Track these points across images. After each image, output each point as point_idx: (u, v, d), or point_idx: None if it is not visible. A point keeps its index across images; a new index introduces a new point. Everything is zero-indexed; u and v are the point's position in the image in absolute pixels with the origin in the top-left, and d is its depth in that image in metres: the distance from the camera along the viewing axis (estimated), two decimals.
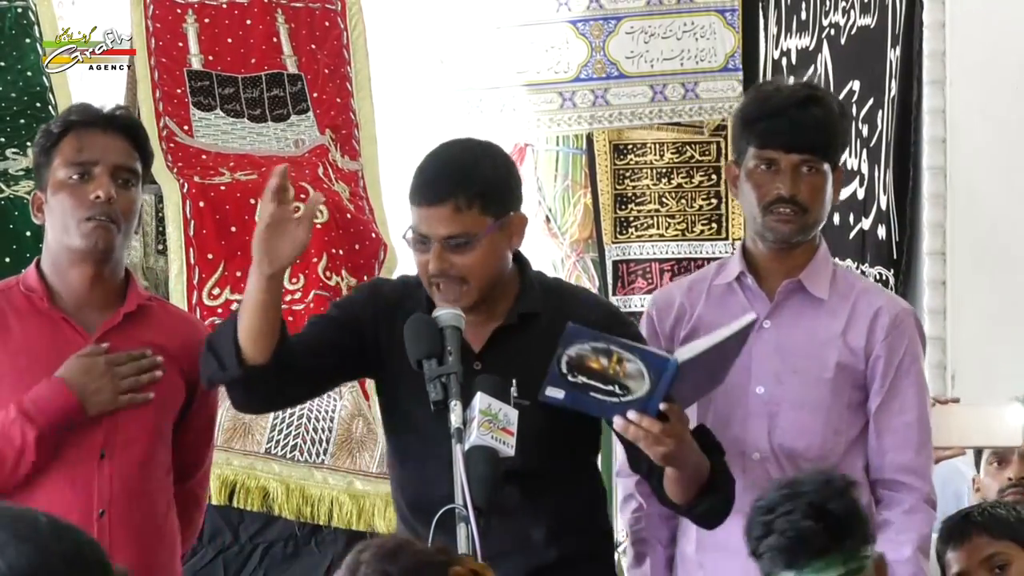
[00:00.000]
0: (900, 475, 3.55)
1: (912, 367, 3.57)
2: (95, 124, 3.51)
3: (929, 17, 5.09)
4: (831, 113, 3.53)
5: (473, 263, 3.23)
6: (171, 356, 3.54)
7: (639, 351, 3.09)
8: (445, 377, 3.07)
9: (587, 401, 3.11)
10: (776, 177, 3.48)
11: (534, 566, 3.33)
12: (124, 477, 3.47)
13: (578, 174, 6.77)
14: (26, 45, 5.30)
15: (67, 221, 3.44)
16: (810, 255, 3.58)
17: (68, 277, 3.49)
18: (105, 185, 3.43)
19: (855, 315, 3.56)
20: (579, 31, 6.35)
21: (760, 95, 3.64)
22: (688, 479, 3.24)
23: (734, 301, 3.59)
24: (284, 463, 5.24)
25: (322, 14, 5.83)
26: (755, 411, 3.55)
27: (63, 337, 3.48)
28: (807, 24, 5.84)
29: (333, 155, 5.64)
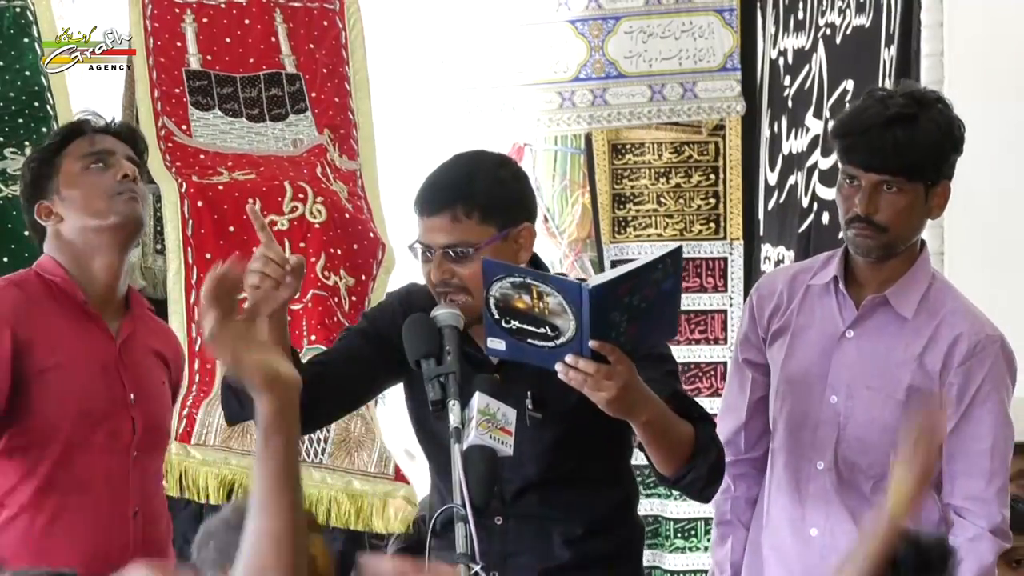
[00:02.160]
0: (967, 503, 3.53)
1: (991, 395, 3.53)
2: (100, 130, 3.62)
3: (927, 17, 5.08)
4: (919, 133, 3.46)
5: (474, 273, 3.21)
6: (166, 360, 3.58)
7: (552, 280, 3.06)
8: (443, 377, 3.07)
9: (526, 350, 3.08)
10: (856, 193, 3.46)
11: (548, 567, 3.34)
12: (149, 477, 3.54)
13: (576, 174, 6.77)
14: (24, 45, 5.30)
15: (96, 203, 3.50)
16: (907, 266, 3.55)
17: (92, 270, 3.53)
18: (130, 167, 3.53)
19: (936, 338, 3.53)
20: (578, 31, 6.35)
21: (855, 107, 3.59)
22: (660, 444, 3.20)
23: (827, 304, 3.59)
24: None
25: (320, 14, 5.83)
26: (826, 420, 3.55)
27: (94, 335, 3.53)
28: (804, 23, 5.84)
29: (331, 155, 5.64)
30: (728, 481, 3.67)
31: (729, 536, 3.70)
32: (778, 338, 3.61)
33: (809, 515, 3.55)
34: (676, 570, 6.58)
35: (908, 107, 3.50)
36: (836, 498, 3.54)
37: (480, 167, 3.29)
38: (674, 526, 6.56)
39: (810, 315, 3.58)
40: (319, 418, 3.44)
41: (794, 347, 3.59)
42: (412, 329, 3.18)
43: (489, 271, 3.05)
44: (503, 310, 3.05)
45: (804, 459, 3.53)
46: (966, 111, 5.12)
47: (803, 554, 3.55)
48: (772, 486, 3.60)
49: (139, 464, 3.53)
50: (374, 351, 3.36)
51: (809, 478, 3.53)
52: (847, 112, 3.63)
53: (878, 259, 3.53)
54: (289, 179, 5.39)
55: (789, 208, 5.69)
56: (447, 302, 3.23)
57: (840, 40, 5.54)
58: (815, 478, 3.54)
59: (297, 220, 5.31)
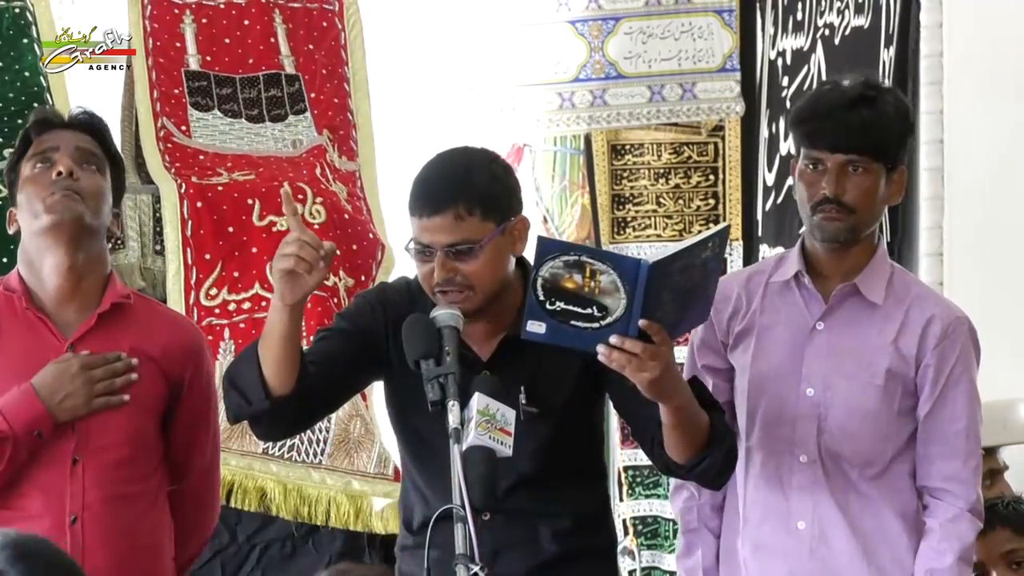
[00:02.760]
0: (946, 483, 3.55)
1: (963, 376, 3.57)
2: (53, 124, 3.52)
3: (927, 18, 5.08)
4: (882, 113, 3.51)
5: (477, 269, 3.24)
6: (150, 357, 3.52)
7: (610, 256, 3.06)
8: (443, 377, 3.07)
9: (568, 333, 3.08)
10: (822, 177, 3.48)
11: (538, 562, 3.35)
12: (98, 482, 3.45)
13: (576, 174, 6.77)
14: (24, 45, 5.30)
15: (35, 204, 3.44)
16: (868, 256, 3.58)
17: (43, 273, 3.48)
18: (66, 162, 3.43)
19: (908, 322, 3.56)
20: (578, 31, 6.35)
21: (814, 94, 3.64)
22: (685, 430, 3.24)
23: (790, 300, 3.60)
24: (282, 463, 5.24)
25: (319, 14, 5.83)
26: (804, 413, 3.55)
27: (40, 339, 3.47)
28: (802, 24, 5.84)
29: (331, 155, 5.64)
30: (692, 489, 3.69)
31: (698, 544, 3.70)
32: (742, 340, 3.61)
33: (795, 509, 3.55)
34: (675, 570, 6.58)
35: (868, 90, 3.55)
36: (822, 489, 3.55)
37: (474, 164, 3.30)
38: (673, 526, 6.56)
39: (774, 313, 3.58)
40: (305, 420, 3.45)
41: (762, 346, 3.60)
42: (411, 329, 3.18)
43: (544, 250, 3.05)
44: (549, 291, 3.05)
45: (785, 454, 3.54)
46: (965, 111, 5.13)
47: (790, 548, 3.55)
48: (750, 485, 3.60)
49: (84, 469, 3.46)
50: (358, 351, 3.36)
51: (792, 472, 3.54)
52: (804, 100, 3.65)
53: (842, 245, 3.54)
54: (288, 180, 5.39)
55: (787, 209, 5.69)
56: (447, 301, 3.23)
57: (839, 41, 5.55)
58: (799, 471, 3.55)
59: None
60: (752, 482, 3.59)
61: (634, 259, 3.05)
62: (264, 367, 3.22)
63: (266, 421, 3.32)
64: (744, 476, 3.59)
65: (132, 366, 3.48)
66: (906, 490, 3.57)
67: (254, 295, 5.32)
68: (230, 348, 5.26)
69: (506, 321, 3.32)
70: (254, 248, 5.33)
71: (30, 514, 3.41)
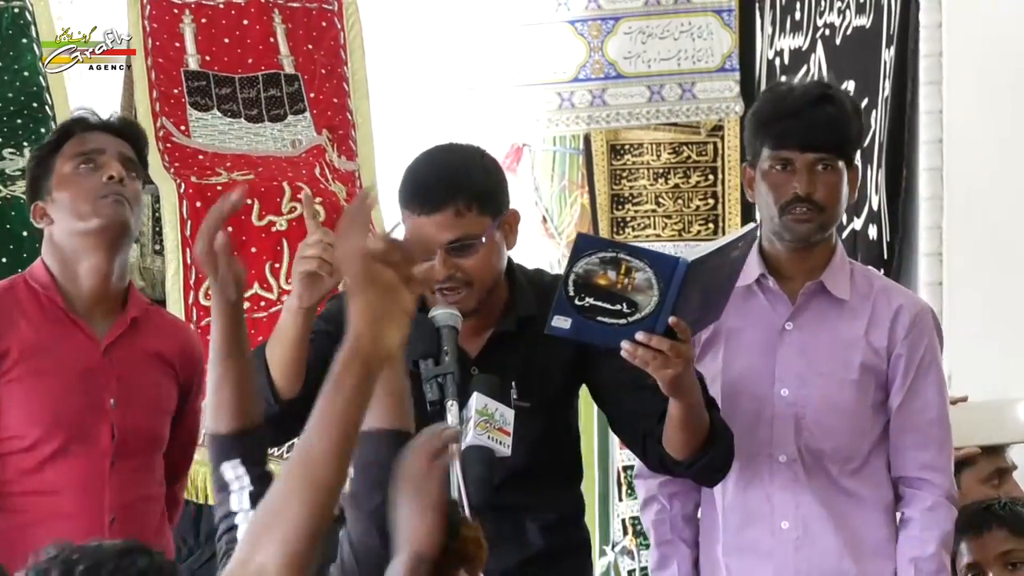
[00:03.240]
0: (922, 472, 3.57)
1: (932, 365, 3.60)
2: (95, 127, 3.54)
3: (926, 18, 5.08)
4: (844, 111, 3.54)
5: (477, 265, 3.25)
6: (168, 363, 3.55)
7: (648, 254, 3.09)
8: (441, 377, 3.07)
9: (593, 329, 3.10)
10: (792, 177, 3.49)
11: (526, 557, 3.35)
12: (131, 484, 3.50)
13: (575, 174, 6.77)
14: (23, 45, 5.29)
15: (81, 206, 3.46)
16: (828, 255, 3.59)
17: (79, 272, 3.49)
18: (117, 167, 3.47)
19: (876, 314, 3.58)
20: (577, 31, 6.35)
21: (774, 95, 3.65)
22: (692, 427, 3.26)
23: (755, 303, 3.59)
24: (279, 463, 5.24)
25: (319, 14, 5.82)
26: (781, 413, 3.56)
27: (75, 340, 3.49)
28: (801, 24, 5.84)
29: (330, 155, 5.64)
30: (663, 501, 3.69)
31: (673, 556, 3.69)
32: (709, 348, 3.61)
33: (778, 509, 3.56)
34: None
35: (826, 89, 3.61)
36: (804, 488, 3.55)
37: (469, 159, 3.31)
38: None
39: (740, 318, 3.58)
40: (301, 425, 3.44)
41: (731, 351, 3.60)
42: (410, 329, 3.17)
43: (582, 246, 3.07)
44: (581, 286, 3.07)
45: (764, 456, 3.55)
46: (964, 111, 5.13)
47: (775, 549, 3.56)
48: (729, 491, 3.59)
49: (119, 471, 3.49)
50: None
51: (773, 473, 3.55)
52: (764, 102, 3.64)
53: (807, 246, 3.55)
54: (288, 180, 5.39)
55: None
56: (446, 300, 3.23)
57: (840, 41, 5.55)
58: (779, 472, 3.56)
59: (296, 221, 5.31)
60: (731, 487, 3.59)
61: (673, 257, 3.08)
62: (273, 371, 3.21)
63: (272, 427, 3.31)
64: (722, 482, 3.59)
65: None
66: (884, 484, 3.59)
67: (253, 295, 5.31)
68: None
69: (494, 317, 3.33)
70: (253, 248, 5.33)
71: (68, 513, 3.43)
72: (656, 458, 3.36)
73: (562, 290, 3.08)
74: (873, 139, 5.42)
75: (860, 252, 5.45)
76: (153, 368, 3.58)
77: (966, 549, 3.66)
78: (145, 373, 3.55)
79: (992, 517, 3.66)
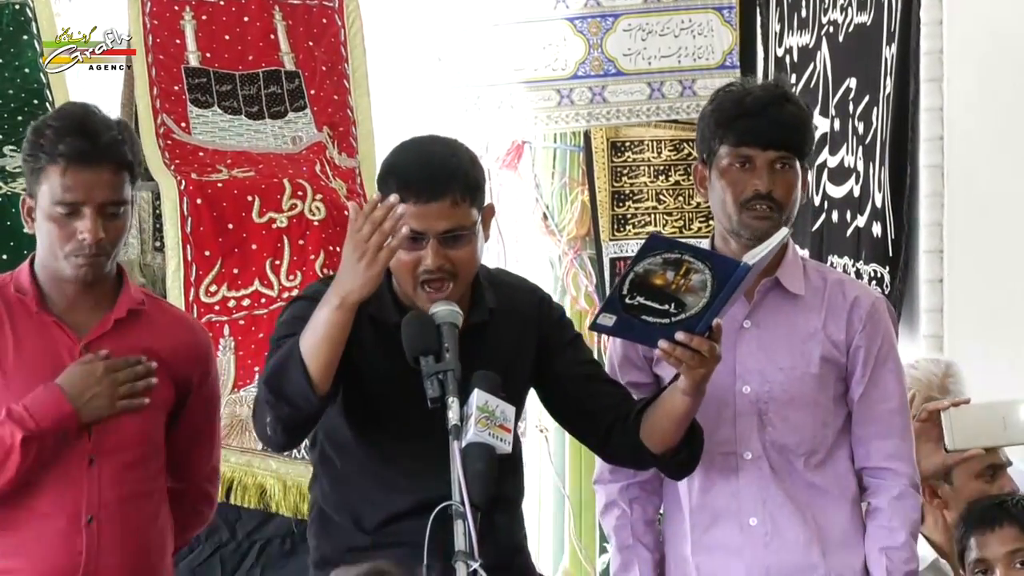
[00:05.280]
0: (886, 462, 3.60)
1: (890, 355, 3.63)
2: (83, 160, 3.42)
3: (926, 15, 5.08)
4: (802, 112, 3.59)
5: (466, 256, 3.26)
6: (160, 359, 3.53)
7: (713, 256, 3.13)
8: (442, 374, 3.07)
9: (635, 327, 3.14)
10: (752, 174, 3.51)
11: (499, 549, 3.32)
12: (114, 483, 3.47)
13: (575, 171, 6.77)
14: (23, 42, 5.30)
15: (55, 252, 3.44)
16: (782, 252, 3.60)
17: (60, 285, 3.49)
18: (93, 229, 3.40)
19: (832, 308, 3.61)
20: (577, 28, 6.35)
21: (734, 95, 3.63)
22: (684, 425, 3.31)
23: None
24: (281, 460, 5.24)
25: (319, 11, 5.83)
26: (744, 411, 3.57)
27: (53, 339, 3.48)
28: (807, 21, 5.84)
29: (330, 152, 5.64)
30: (623, 506, 3.69)
31: (634, 560, 3.69)
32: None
33: (745, 506, 3.57)
34: None
35: (785, 89, 3.66)
36: (770, 483, 3.56)
37: (459, 152, 3.32)
38: None
39: None
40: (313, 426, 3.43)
41: None
42: (410, 326, 3.18)
43: (651, 245, 3.09)
44: (636, 285, 3.10)
45: (729, 454, 3.56)
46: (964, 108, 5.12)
47: (744, 546, 3.57)
48: (695, 491, 3.60)
49: (100, 469, 3.47)
50: None
51: (739, 470, 3.56)
52: (724, 100, 3.63)
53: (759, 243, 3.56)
54: (288, 176, 5.39)
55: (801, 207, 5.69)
56: (428, 287, 3.22)
57: (843, 38, 5.55)
58: (745, 469, 3.57)
59: (296, 218, 5.31)
60: (698, 487, 3.60)
61: (733, 260, 3.13)
62: (315, 371, 3.16)
63: (308, 426, 3.30)
64: (688, 483, 3.60)
65: (151, 370, 3.48)
66: (848, 475, 3.60)
67: (254, 292, 5.32)
68: (230, 345, 5.26)
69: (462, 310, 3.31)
70: (254, 245, 5.33)
71: (44, 512, 3.42)
72: (625, 450, 3.37)
73: (617, 288, 3.12)
74: (876, 136, 5.41)
75: (864, 250, 5.45)
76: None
77: (975, 544, 3.66)
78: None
79: (1003, 514, 3.65)
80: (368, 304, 3.25)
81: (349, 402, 3.35)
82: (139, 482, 3.52)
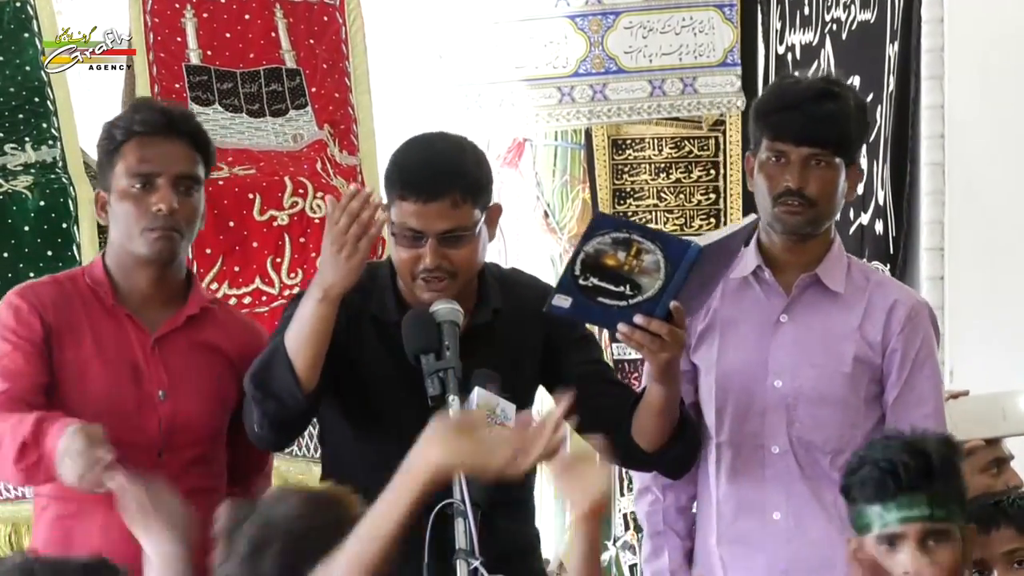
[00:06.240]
0: None
1: (928, 360, 3.60)
2: (157, 132, 3.49)
3: (927, 12, 5.08)
4: (846, 108, 3.53)
5: (466, 256, 3.25)
6: (228, 358, 3.56)
7: (661, 236, 3.09)
8: (443, 372, 3.07)
9: (592, 310, 3.10)
10: (785, 169, 3.49)
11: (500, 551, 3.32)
12: (182, 476, 3.49)
13: (577, 169, 6.78)
14: (24, 40, 5.29)
15: (131, 230, 3.47)
16: (825, 249, 3.59)
17: (133, 277, 3.53)
18: (167, 198, 3.45)
19: (871, 308, 3.58)
20: (578, 26, 6.35)
21: (778, 88, 3.66)
22: (668, 417, 3.27)
23: (751, 295, 3.60)
24: (282, 458, 5.23)
25: (320, 9, 5.82)
26: (773, 405, 3.56)
27: (126, 333, 3.50)
28: (810, 19, 5.84)
29: (331, 150, 5.64)
30: (656, 492, 3.70)
31: (664, 546, 3.70)
32: (705, 339, 3.61)
33: (770, 500, 3.56)
34: None
35: (832, 85, 3.58)
36: (796, 479, 3.56)
37: (463, 151, 3.31)
38: None
39: (735, 309, 3.59)
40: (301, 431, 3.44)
41: (727, 342, 3.60)
42: (411, 324, 3.18)
43: (597, 224, 3.05)
44: (588, 265, 3.06)
45: (757, 447, 3.56)
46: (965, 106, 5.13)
47: (766, 540, 3.56)
48: (723, 481, 3.60)
49: (168, 463, 3.50)
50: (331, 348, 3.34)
51: (765, 464, 3.56)
52: (768, 92, 3.67)
53: (801, 239, 3.55)
54: (289, 175, 5.39)
55: None
56: (429, 289, 3.22)
57: (846, 35, 5.55)
58: (771, 463, 3.56)
59: (297, 215, 5.31)
60: (724, 478, 3.60)
61: (685, 241, 3.08)
62: (301, 366, 3.18)
63: (296, 423, 3.30)
64: (716, 473, 3.60)
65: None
66: None
67: (254, 290, 5.32)
68: None
69: (467, 310, 3.31)
70: (254, 243, 5.33)
71: (111, 503, 3.44)
72: (622, 450, 3.35)
73: (568, 268, 3.08)
74: (879, 134, 5.42)
75: (867, 247, 5.45)
76: (209, 360, 3.57)
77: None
78: (200, 365, 3.55)
79: (1000, 515, 3.64)
80: (370, 304, 3.25)
81: (350, 401, 3.36)
82: (204, 478, 3.54)
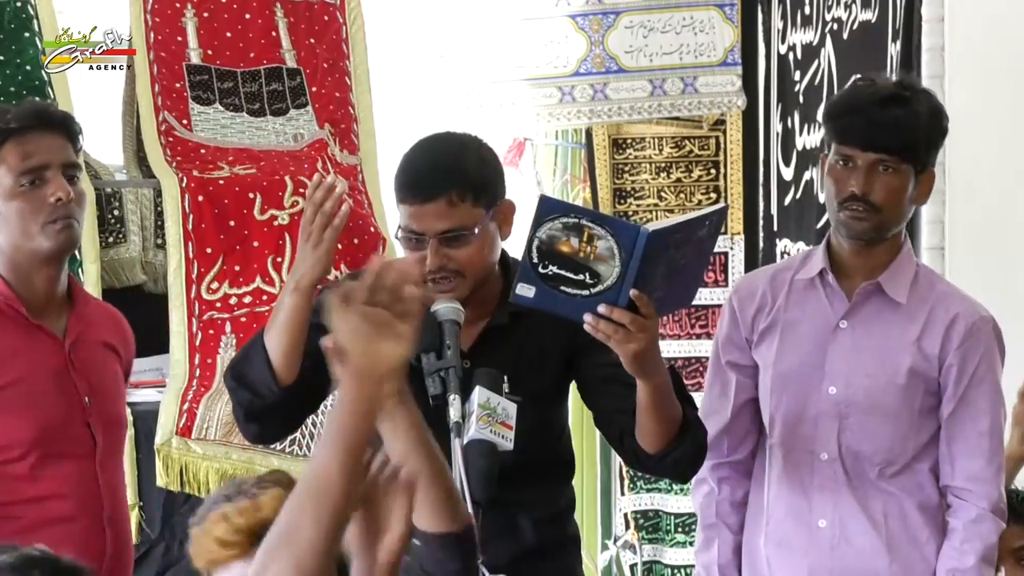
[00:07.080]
0: (969, 483, 3.54)
1: (987, 376, 3.55)
2: (33, 127, 3.46)
3: (928, 12, 5.07)
4: (914, 114, 3.48)
5: (470, 256, 3.24)
6: (113, 349, 3.57)
7: (609, 220, 3.03)
8: (443, 371, 3.07)
9: (557, 299, 3.03)
10: (852, 174, 3.45)
11: (519, 551, 3.34)
12: (114, 477, 3.51)
13: (577, 168, 6.77)
14: (25, 39, 5.30)
15: (29, 228, 3.42)
16: (892, 255, 3.55)
17: (33, 279, 3.48)
18: (63, 187, 3.42)
19: (932, 321, 3.54)
20: (578, 25, 6.35)
21: (849, 90, 3.61)
22: (661, 414, 3.20)
23: (814, 298, 3.59)
24: (282, 457, 5.24)
25: (321, 8, 5.83)
26: (826, 411, 3.55)
27: (42, 345, 3.48)
28: (811, 18, 5.84)
29: (332, 149, 5.64)
30: (712, 484, 3.69)
31: (715, 539, 3.70)
32: (766, 337, 3.61)
33: (816, 506, 3.55)
34: (676, 564, 6.58)
35: (902, 90, 3.52)
36: (843, 488, 3.54)
37: (464, 149, 3.29)
38: (674, 520, 6.57)
39: (799, 310, 3.58)
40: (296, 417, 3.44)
41: (785, 343, 3.59)
42: None
43: (545, 209, 3.01)
44: (544, 253, 3.01)
45: (806, 452, 3.54)
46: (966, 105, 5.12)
47: (811, 546, 3.55)
48: (773, 482, 3.60)
49: (104, 467, 3.49)
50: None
51: (813, 470, 3.54)
52: (840, 95, 3.63)
53: (867, 244, 3.52)
54: (290, 174, 5.40)
55: (806, 203, 5.69)
56: (436, 290, 3.22)
57: (847, 35, 5.54)
58: (819, 470, 3.54)
59: (298, 215, 5.30)
60: (775, 479, 3.59)
61: (634, 226, 3.01)
62: (276, 357, 3.21)
63: (272, 415, 3.31)
64: (768, 473, 3.59)
65: None
66: (927, 485, 3.56)
67: (255, 289, 5.32)
68: (231, 342, 5.26)
69: (487, 310, 3.31)
70: (255, 242, 5.33)
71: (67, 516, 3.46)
72: (631, 453, 3.32)
73: (525, 256, 3.02)
74: None
75: None
76: (108, 358, 3.58)
77: None
78: (104, 364, 3.56)
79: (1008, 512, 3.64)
80: None
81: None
82: (123, 475, 3.63)
